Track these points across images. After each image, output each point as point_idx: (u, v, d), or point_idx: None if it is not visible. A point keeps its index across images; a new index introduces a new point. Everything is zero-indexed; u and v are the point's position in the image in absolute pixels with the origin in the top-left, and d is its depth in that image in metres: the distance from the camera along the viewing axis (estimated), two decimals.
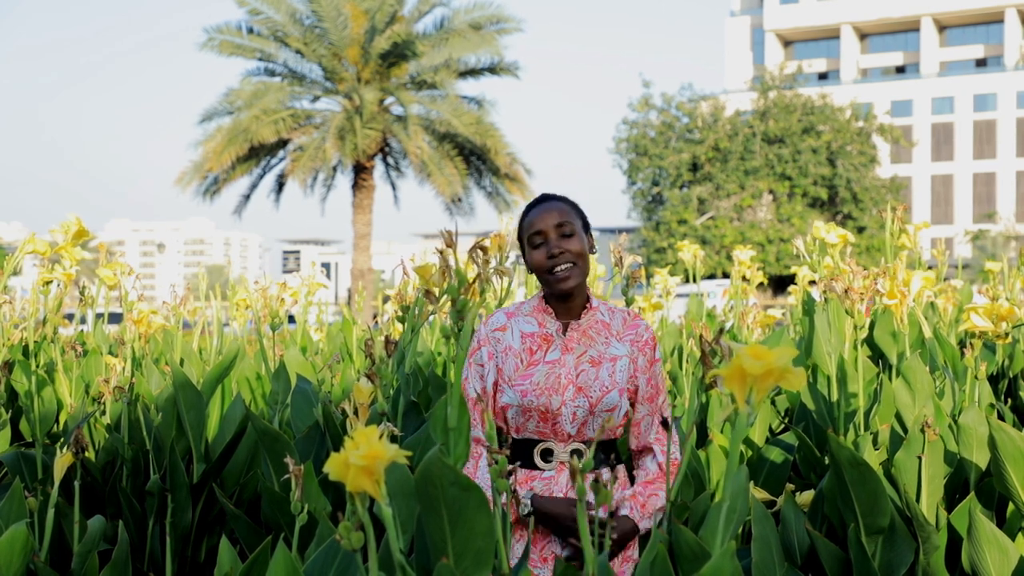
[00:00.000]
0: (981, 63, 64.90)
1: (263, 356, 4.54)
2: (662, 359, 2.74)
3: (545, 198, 2.69)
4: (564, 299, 2.64)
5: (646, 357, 2.66)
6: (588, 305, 2.67)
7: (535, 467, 2.59)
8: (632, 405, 2.68)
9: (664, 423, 2.65)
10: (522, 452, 2.60)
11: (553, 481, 2.59)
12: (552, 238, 2.60)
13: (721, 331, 2.19)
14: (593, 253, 2.70)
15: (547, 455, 2.59)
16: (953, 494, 3.46)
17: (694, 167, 42.95)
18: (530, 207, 2.68)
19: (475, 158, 29.28)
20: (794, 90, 43.21)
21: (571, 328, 2.64)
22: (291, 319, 7.48)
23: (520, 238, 2.69)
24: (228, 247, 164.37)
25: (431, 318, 5.23)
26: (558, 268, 2.58)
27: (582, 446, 2.59)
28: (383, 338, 2.86)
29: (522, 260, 2.76)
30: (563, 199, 2.69)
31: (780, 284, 39.65)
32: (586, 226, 2.70)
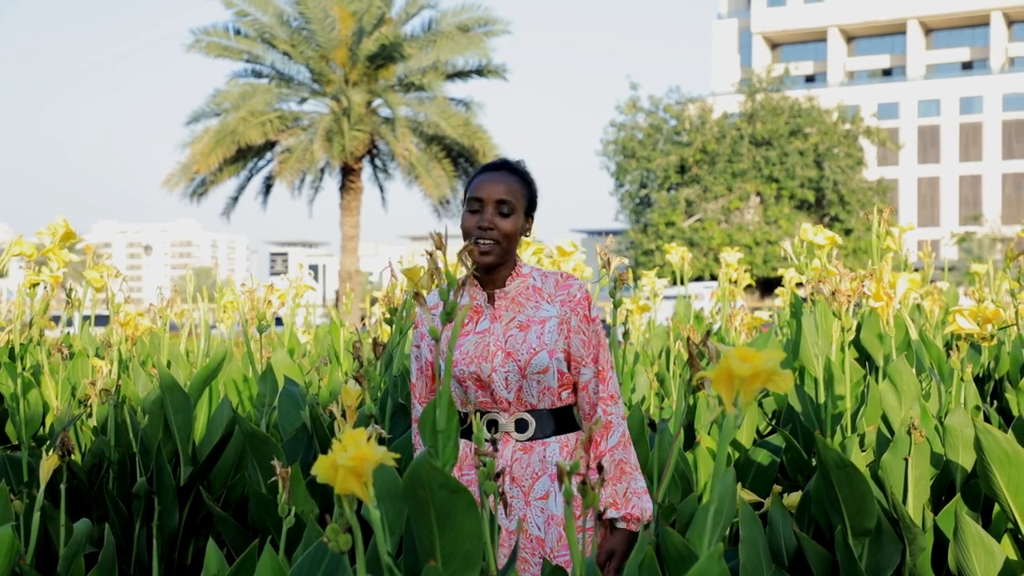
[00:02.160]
0: (967, 66, 65.17)
1: (250, 358, 4.53)
2: (600, 317, 2.69)
3: (500, 166, 2.65)
4: (487, 271, 2.62)
5: (578, 316, 2.60)
6: (515, 272, 2.64)
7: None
8: (571, 368, 2.63)
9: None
10: (469, 424, 2.60)
11: (498, 454, 2.58)
12: (489, 211, 2.56)
13: (708, 333, 2.19)
14: (526, 236, 2.67)
15: (493, 426, 2.59)
16: (939, 496, 3.47)
17: (682, 169, 43.03)
18: (484, 168, 2.64)
19: (463, 160, 29.28)
20: (781, 92, 43.34)
21: (498, 297, 2.63)
22: (278, 321, 7.46)
23: (464, 197, 2.65)
24: (215, 249, 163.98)
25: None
26: (482, 241, 2.55)
27: (526, 415, 2.59)
28: (371, 340, 2.86)
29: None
30: (521, 173, 2.65)
31: (767, 286, 39.75)
32: (532, 208, 2.66)
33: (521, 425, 2.59)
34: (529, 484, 2.58)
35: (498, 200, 2.57)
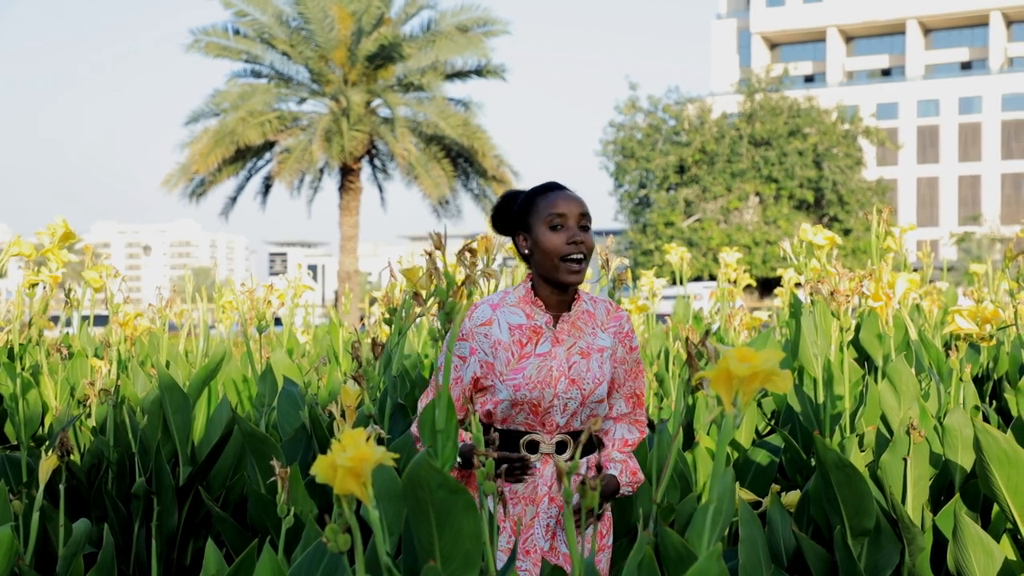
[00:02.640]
0: (966, 66, 65.18)
1: (249, 358, 4.53)
2: (638, 345, 2.73)
3: (563, 186, 2.64)
4: (563, 290, 2.60)
5: (624, 348, 2.66)
6: (577, 296, 2.65)
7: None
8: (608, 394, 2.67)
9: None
10: (507, 442, 2.57)
11: (538, 473, 2.58)
12: (572, 225, 2.55)
13: (707, 333, 2.19)
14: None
15: (533, 447, 2.57)
16: (938, 496, 3.47)
17: (681, 169, 43.03)
18: (548, 189, 2.62)
19: (462, 160, 29.28)
20: (780, 93, 43.34)
21: (561, 320, 2.61)
22: (277, 321, 7.46)
23: (524, 218, 2.61)
24: (214, 249, 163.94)
25: (418, 320, 5.23)
26: (574, 256, 2.54)
27: (567, 437, 2.58)
28: (370, 340, 2.85)
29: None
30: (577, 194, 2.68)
31: (766, 286, 39.74)
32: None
33: (561, 447, 2.58)
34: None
35: (581, 214, 2.57)
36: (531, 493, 2.58)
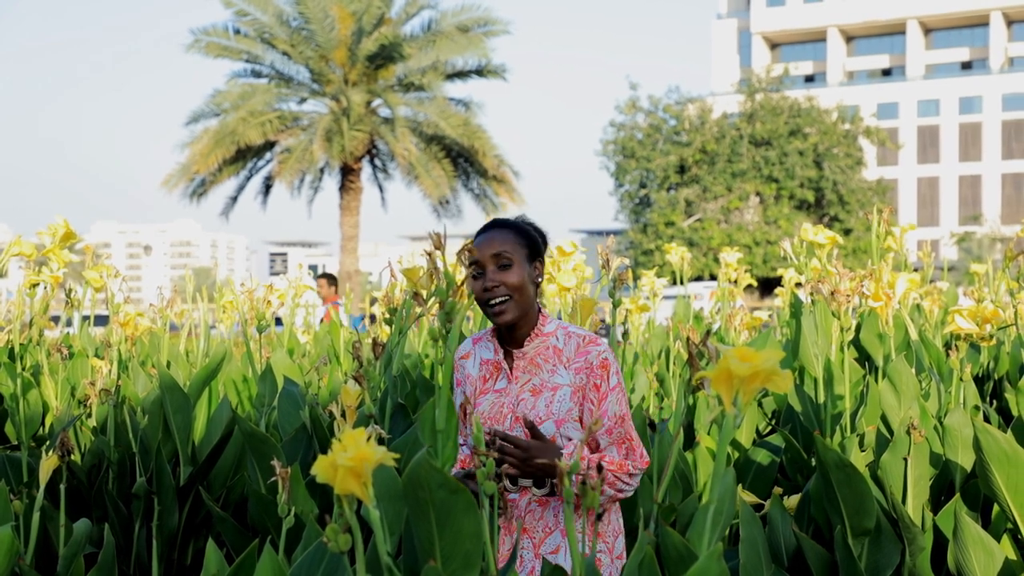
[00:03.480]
0: (966, 66, 65.18)
1: (250, 358, 4.53)
2: (621, 384, 2.59)
3: (492, 225, 2.63)
4: (509, 329, 2.60)
5: (590, 384, 2.54)
6: (536, 332, 2.60)
7: (505, 488, 2.55)
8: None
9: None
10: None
11: (514, 504, 2.57)
12: (489, 269, 2.54)
13: (708, 333, 2.19)
14: (537, 283, 2.62)
15: (513, 479, 2.54)
16: (939, 495, 3.47)
17: (681, 169, 43.03)
18: (478, 233, 2.62)
19: (462, 160, 29.30)
20: (781, 92, 43.34)
21: (516, 356, 2.60)
22: (278, 321, 7.47)
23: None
24: (215, 249, 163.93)
25: (419, 320, 5.23)
26: (493, 301, 2.53)
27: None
28: (370, 340, 2.85)
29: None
30: (513, 225, 2.62)
31: (767, 286, 39.73)
32: (535, 254, 2.62)
33: (539, 481, 2.54)
34: (540, 537, 2.56)
35: (493, 255, 2.54)
36: (507, 524, 2.58)
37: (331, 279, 10.80)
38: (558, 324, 2.64)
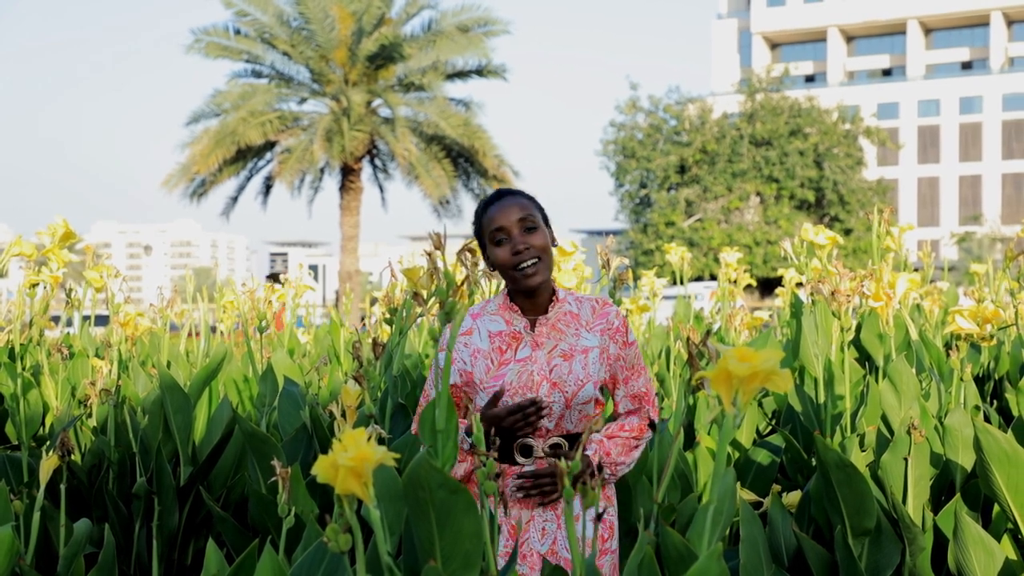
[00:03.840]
0: (967, 66, 65.17)
1: (250, 358, 4.53)
2: (636, 340, 2.69)
3: (503, 193, 2.64)
4: (530, 295, 2.60)
5: (617, 344, 2.62)
6: (555, 298, 2.63)
7: (514, 462, 2.56)
8: (612, 392, 2.67)
9: (652, 425, 2.62)
10: (500, 446, 2.56)
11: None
12: (515, 234, 2.55)
13: (708, 333, 2.19)
14: (554, 246, 2.66)
15: (526, 451, 2.56)
16: (939, 495, 3.47)
17: (681, 169, 43.02)
18: (488, 203, 2.63)
19: (463, 160, 29.29)
20: (781, 92, 43.33)
21: (539, 324, 2.60)
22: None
23: (479, 235, 2.63)
24: (215, 249, 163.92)
25: (419, 320, 5.23)
26: (524, 264, 2.54)
27: (560, 439, 2.57)
28: (371, 340, 2.86)
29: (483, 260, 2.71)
30: (521, 193, 2.66)
31: (767, 286, 39.74)
32: (546, 219, 2.66)
33: (555, 449, 2.57)
34: (562, 507, 2.58)
35: (519, 219, 2.56)
36: (524, 496, 2.57)
37: (274, 281, 10.32)
38: (566, 292, 2.69)
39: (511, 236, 2.56)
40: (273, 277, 10.09)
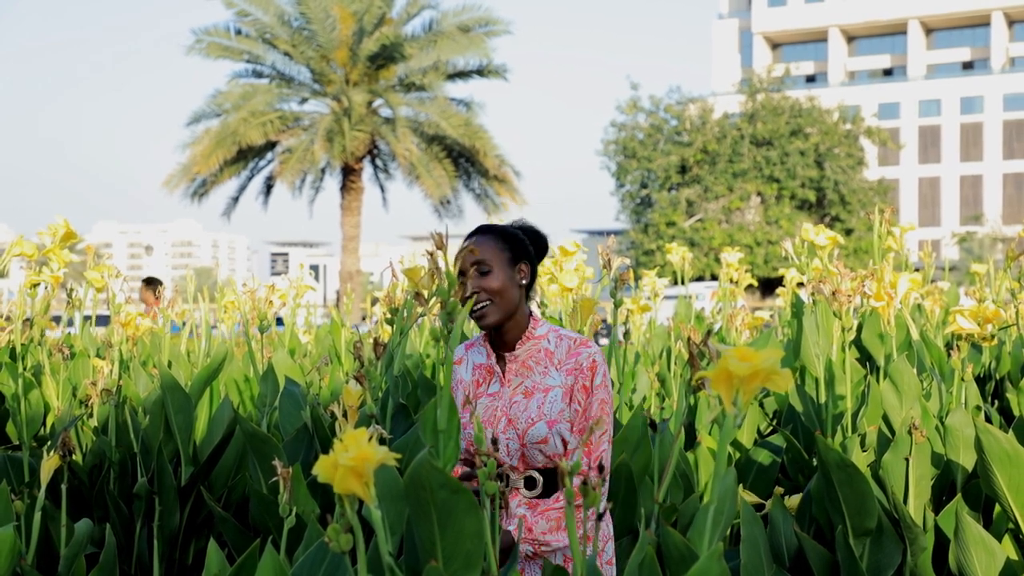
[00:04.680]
0: (968, 66, 65.14)
1: (251, 359, 4.53)
2: (608, 385, 2.63)
3: (474, 232, 2.66)
4: (497, 332, 2.63)
5: (578, 385, 2.58)
6: (528, 336, 2.63)
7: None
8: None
9: (600, 468, 2.56)
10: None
11: (508, 510, 2.59)
12: (467, 278, 2.57)
13: (709, 333, 2.19)
14: (522, 285, 2.64)
15: (504, 479, 2.59)
16: (940, 495, 3.47)
17: (682, 169, 43.01)
18: (463, 240, 2.67)
19: (464, 160, 29.31)
20: (782, 92, 43.31)
21: (508, 360, 2.63)
22: (279, 321, 7.47)
23: None
24: (216, 249, 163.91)
25: (420, 320, 5.23)
26: (476, 307, 2.56)
27: (535, 474, 2.58)
28: (372, 340, 2.86)
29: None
30: (495, 230, 2.65)
31: (768, 286, 39.72)
32: (519, 257, 2.63)
33: (529, 483, 2.59)
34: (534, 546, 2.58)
35: (473, 264, 2.58)
36: (508, 521, 2.59)
37: (151, 283, 9.03)
38: (550, 328, 2.67)
39: (464, 284, 2.57)
40: (149, 282, 8.91)
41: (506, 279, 2.59)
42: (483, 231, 2.66)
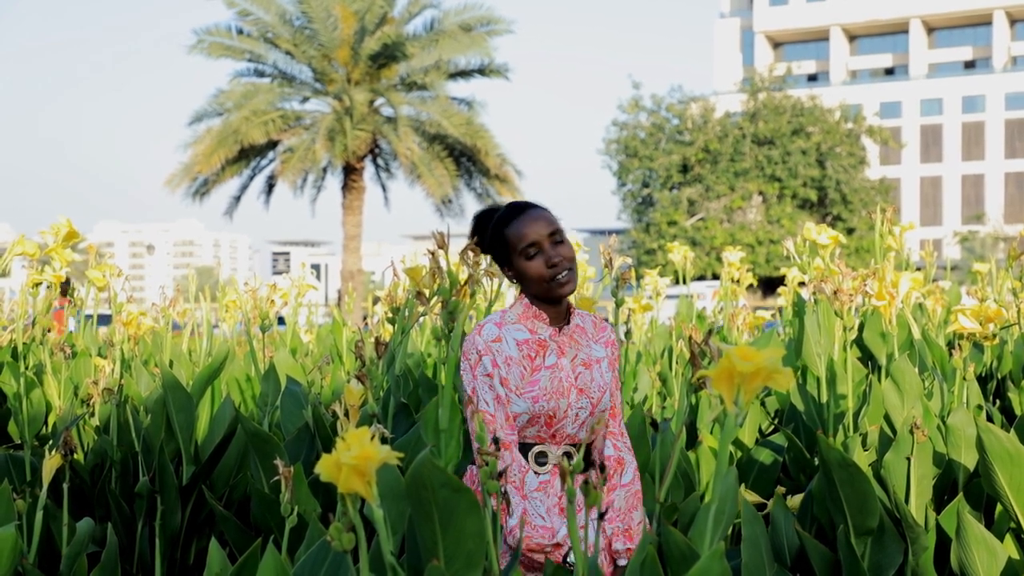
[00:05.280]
0: (969, 65, 65.09)
1: (253, 358, 4.53)
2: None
3: (525, 207, 2.68)
4: (557, 303, 2.65)
5: (612, 359, 2.73)
6: (572, 309, 2.71)
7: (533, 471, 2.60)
8: None
9: (601, 467, 2.57)
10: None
11: (549, 484, 2.58)
12: (547, 247, 2.60)
13: (710, 332, 2.19)
14: None
15: (541, 457, 2.60)
16: (942, 495, 3.47)
17: (684, 169, 43.01)
18: (511, 217, 2.65)
19: (465, 159, 29.30)
20: (783, 92, 43.31)
21: (562, 333, 2.66)
22: (281, 321, 7.48)
23: (501, 245, 2.65)
24: (217, 248, 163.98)
25: (421, 319, 5.23)
26: (559, 275, 2.59)
27: (571, 448, 2.61)
28: (373, 339, 2.86)
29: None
30: (541, 206, 2.70)
31: (770, 285, 39.72)
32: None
33: (568, 457, 2.61)
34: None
35: (549, 234, 2.62)
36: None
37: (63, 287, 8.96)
38: (570, 307, 2.74)
39: (543, 249, 2.61)
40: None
41: (572, 249, 2.67)
42: (534, 206, 2.70)
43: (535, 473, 2.58)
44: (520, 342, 2.63)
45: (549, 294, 2.62)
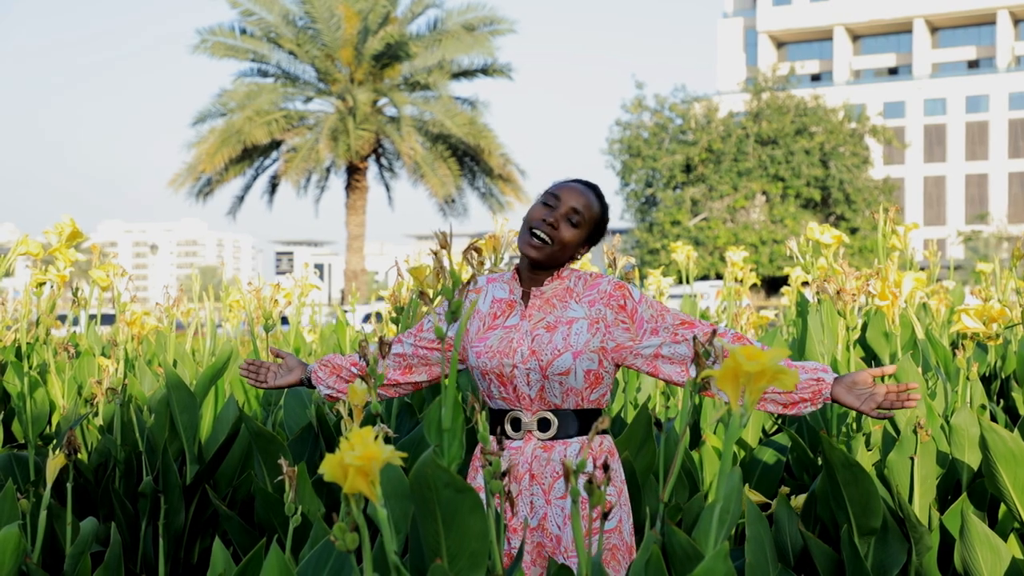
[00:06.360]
0: (973, 65, 65.03)
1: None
2: (644, 297, 2.65)
3: (589, 185, 2.69)
4: (532, 268, 2.65)
5: (612, 309, 2.59)
6: (557, 275, 2.65)
7: (506, 436, 2.60)
8: (617, 365, 2.65)
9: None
10: (494, 422, 2.63)
11: (519, 451, 2.59)
12: (559, 212, 2.59)
13: (714, 332, 2.19)
14: (577, 258, 2.69)
15: (516, 424, 2.60)
16: (945, 495, 3.47)
17: (687, 168, 43.01)
18: (573, 180, 2.68)
19: (468, 159, 29.32)
20: (787, 91, 43.30)
21: (533, 295, 2.64)
22: (284, 320, 7.48)
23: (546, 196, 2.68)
24: (221, 248, 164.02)
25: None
26: (536, 232, 2.58)
27: (548, 414, 2.58)
28: (377, 339, 2.86)
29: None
30: (602, 200, 2.69)
31: (773, 285, 39.70)
32: (592, 239, 2.68)
33: (543, 424, 2.59)
34: (549, 483, 2.58)
35: (572, 207, 2.60)
36: (512, 470, 2.58)
37: None
38: (573, 270, 2.70)
39: (555, 210, 2.60)
40: None
41: (574, 243, 2.63)
42: (597, 194, 2.69)
43: (508, 438, 2.59)
44: (496, 300, 2.67)
45: (521, 243, 2.62)
